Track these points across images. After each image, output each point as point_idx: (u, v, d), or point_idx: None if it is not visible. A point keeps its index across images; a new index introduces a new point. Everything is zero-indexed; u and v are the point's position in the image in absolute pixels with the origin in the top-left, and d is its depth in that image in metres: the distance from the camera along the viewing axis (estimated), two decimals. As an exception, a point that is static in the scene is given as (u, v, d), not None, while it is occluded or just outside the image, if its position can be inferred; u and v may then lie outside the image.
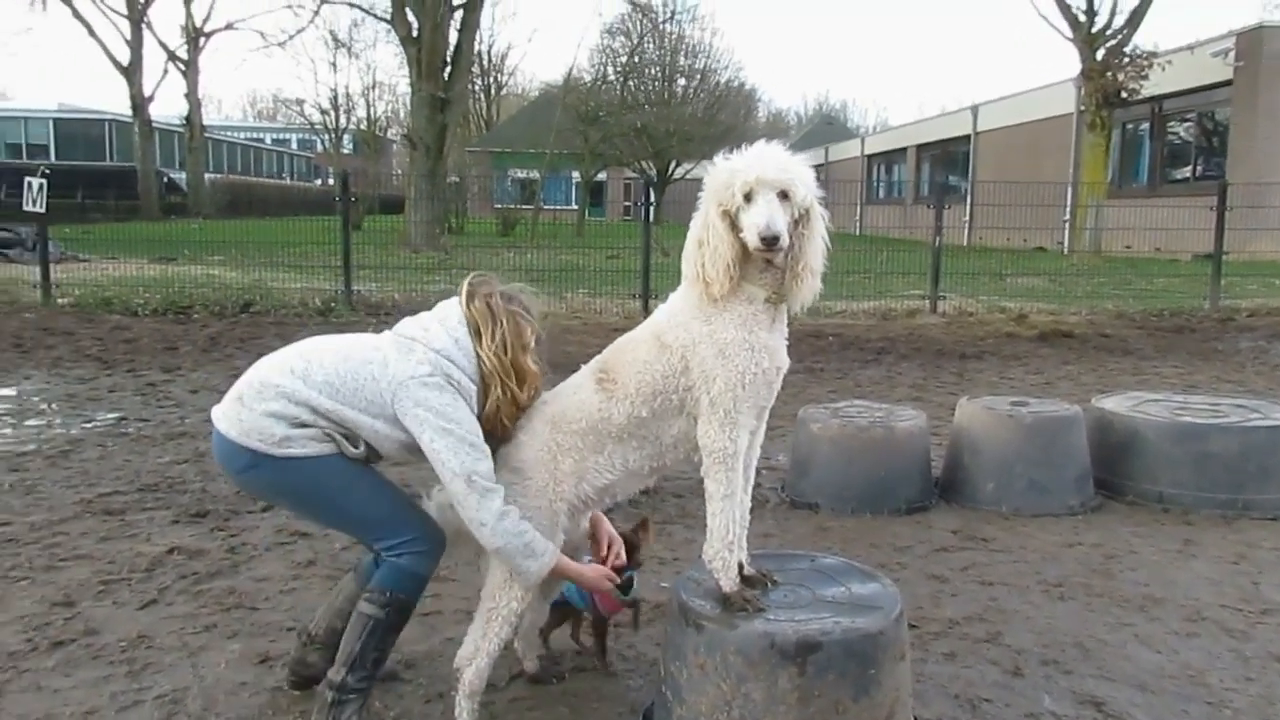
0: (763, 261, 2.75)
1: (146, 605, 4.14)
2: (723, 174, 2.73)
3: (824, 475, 5.55)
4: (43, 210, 13.94)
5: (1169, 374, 10.06)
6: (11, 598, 4.18)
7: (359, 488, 3.05)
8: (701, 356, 2.80)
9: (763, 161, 2.69)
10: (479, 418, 2.99)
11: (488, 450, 2.94)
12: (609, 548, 3.30)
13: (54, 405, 8.09)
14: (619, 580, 3.15)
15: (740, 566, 2.91)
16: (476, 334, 3.04)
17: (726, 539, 2.84)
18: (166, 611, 4.08)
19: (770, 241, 2.64)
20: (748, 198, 2.68)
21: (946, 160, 38.33)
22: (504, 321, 3.04)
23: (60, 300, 13.80)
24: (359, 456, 3.03)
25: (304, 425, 2.95)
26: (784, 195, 2.68)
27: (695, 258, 2.78)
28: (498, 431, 3.07)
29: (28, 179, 13.84)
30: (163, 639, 3.82)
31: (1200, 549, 4.93)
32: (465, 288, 3.11)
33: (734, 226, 2.72)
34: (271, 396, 2.96)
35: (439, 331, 3.03)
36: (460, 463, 2.85)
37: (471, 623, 3.08)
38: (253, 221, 27.57)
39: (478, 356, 3.01)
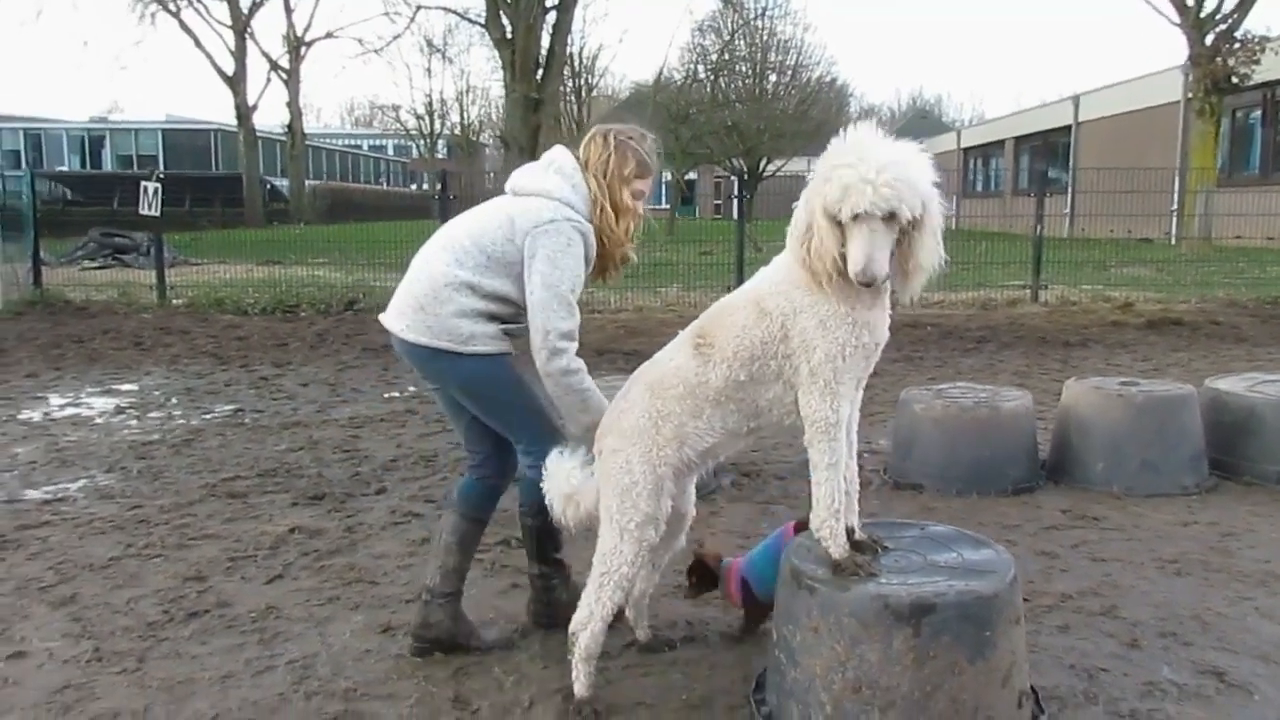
0: None
1: (273, 580, 4.32)
2: (834, 189, 2.61)
3: (928, 456, 5.50)
4: (158, 214, 14.45)
5: (1285, 360, 9.73)
6: (147, 573, 4.40)
7: (525, 391, 3.38)
8: (802, 326, 2.81)
9: (872, 187, 2.55)
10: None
11: (575, 309, 3.23)
12: None
13: (174, 399, 8.44)
14: None
15: (850, 532, 2.93)
16: (586, 164, 3.36)
17: (832, 507, 2.85)
18: (292, 585, 4.26)
19: (868, 284, 2.65)
20: (855, 218, 2.61)
21: (1046, 152, 37.42)
22: (612, 150, 3.33)
23: (175, 301, 14.33)
24: (522, 333, 3.32)
25: (484, 316, 3.25)
26: (890, 215, 2.61)
27: (803, 242, 2.75)
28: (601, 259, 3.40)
29: (143, 184, 14.34)
30: (290, 610, 3.99)
31: (1323, 529, 4.79)
32: (591, 129, 3.44)
33: (840, 226, 2.66)
34: (447, 298, 3.26)
35: (557, 181, 3.31)
36: (545, 317, 3.17)
37: (585, 589, 3.13)
38: (352, 225, 28.24)
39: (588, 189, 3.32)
